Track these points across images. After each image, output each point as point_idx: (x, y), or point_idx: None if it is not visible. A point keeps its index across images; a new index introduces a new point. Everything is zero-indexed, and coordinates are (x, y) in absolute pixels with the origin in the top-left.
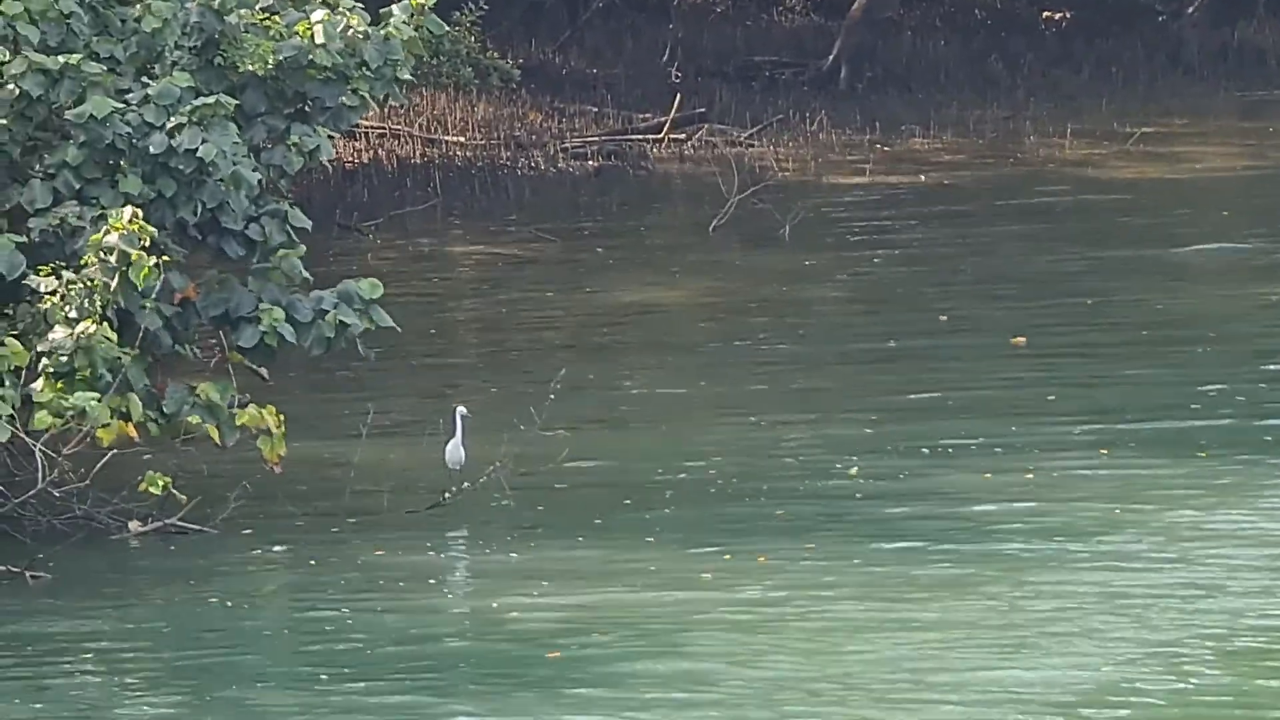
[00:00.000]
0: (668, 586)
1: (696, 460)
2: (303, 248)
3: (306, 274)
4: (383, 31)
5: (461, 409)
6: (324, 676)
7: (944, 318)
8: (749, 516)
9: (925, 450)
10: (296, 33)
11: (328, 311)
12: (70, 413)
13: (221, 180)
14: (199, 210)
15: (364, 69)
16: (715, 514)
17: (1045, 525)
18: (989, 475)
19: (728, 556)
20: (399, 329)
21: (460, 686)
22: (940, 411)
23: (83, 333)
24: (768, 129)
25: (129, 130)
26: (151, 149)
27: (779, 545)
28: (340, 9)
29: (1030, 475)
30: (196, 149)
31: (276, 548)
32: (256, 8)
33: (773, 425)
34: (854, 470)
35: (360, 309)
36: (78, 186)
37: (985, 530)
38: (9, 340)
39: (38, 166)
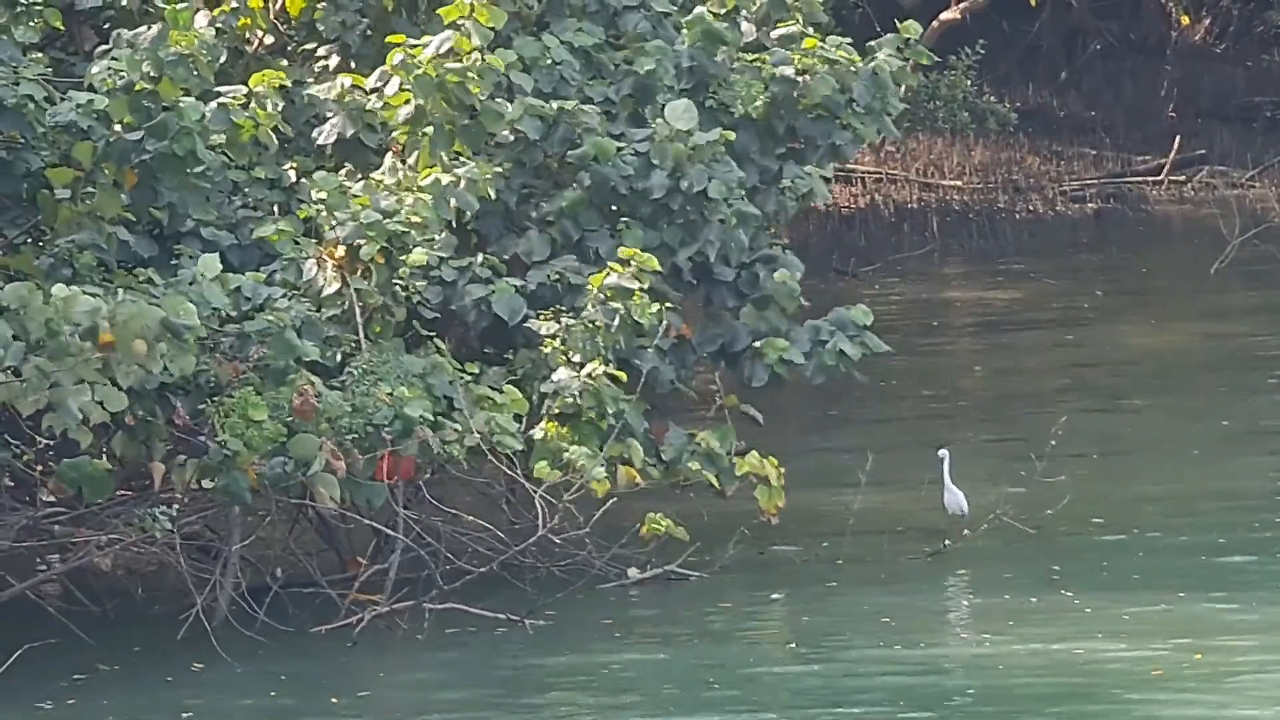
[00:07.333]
0: (1177, 635)
1: (1203, 508)
2: (797, 276)
3: (803, 301)
4: (871, 66)
5: (942, 451)
6: None
7: None
8: (1254, 567)
9: None
10: (790, 60)
11: (826, 341)
12: (569, 465)
13: (723, 220)
14: (707, 256)
15: (854, 105)
16: (1219, 562)
17: None
18: None
19: (1233, 605)
20: (892, 351)
21: None
22: None
23: (589, 374)
24: (1269, 170)
25: (630, 172)
26: (654, 192)
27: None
28: (827, 44)
29: None
30: (705, 189)
31: (774, 595)
32: (741, 45)
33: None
34: None
35: (854, 336)
36: (576, 237)
37: None
38: (508, 388)
39: (534, 215)
